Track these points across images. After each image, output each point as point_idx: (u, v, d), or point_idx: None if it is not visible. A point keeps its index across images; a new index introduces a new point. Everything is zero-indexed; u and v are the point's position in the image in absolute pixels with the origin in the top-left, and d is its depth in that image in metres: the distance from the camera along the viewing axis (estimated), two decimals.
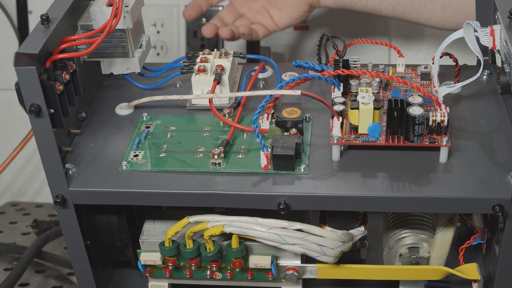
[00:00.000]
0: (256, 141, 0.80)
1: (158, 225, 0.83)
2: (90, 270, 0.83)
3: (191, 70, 0.87)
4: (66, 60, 0.76)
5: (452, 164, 0.76)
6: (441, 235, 0.80)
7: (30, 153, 1.41)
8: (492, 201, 0.72)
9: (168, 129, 0.83)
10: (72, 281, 1.09)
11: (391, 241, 0.82)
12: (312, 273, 0.82)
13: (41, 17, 0.74)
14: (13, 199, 1.44)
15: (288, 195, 0.74)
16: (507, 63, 0.78)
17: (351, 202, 0.74)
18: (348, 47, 0.86)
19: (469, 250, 0.91)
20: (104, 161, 0.79)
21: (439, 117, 0.75)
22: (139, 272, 0.88)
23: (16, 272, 1.03)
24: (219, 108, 0.83)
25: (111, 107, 0.87)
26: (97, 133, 0.83)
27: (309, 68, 0.88)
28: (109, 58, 0.85)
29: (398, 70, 0.87)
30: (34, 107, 0.71)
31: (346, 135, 0.77)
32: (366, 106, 0.75)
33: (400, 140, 0.76)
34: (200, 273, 0.82)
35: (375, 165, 0.76)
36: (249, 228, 0.76)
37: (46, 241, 1.14)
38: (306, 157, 0.77)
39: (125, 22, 0.81)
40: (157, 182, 0.76)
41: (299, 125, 0.78)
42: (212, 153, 0.77)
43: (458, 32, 0.78)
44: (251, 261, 0.80)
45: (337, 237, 0.76)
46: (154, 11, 1.29)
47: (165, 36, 1.30)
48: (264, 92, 0.80)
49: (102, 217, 0.82)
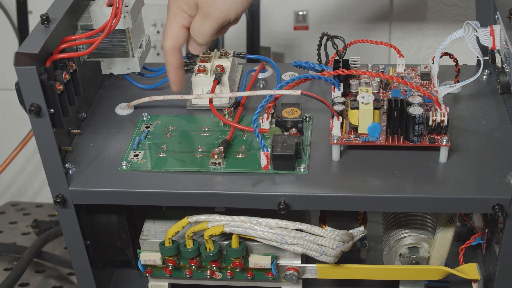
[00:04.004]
0: (256, 141, 0.80)
1: (158, 225, 0.83)
2: (90, 270, 0.83)
3: (191, 70, 0.87)
4: (66, 60, 0.76)
5: (452, 164, 0.76)
6: (441, 235, 0.80)
7: (30, 153, 1.41)
8: (492, 201, 0.72)
9: (168, 129, 0.83)
10: (72, 281, 1.09)
11: (391, 241, 0.82)
12: (312, 273, 0.82)
13: (41, 17, 0.74)
14: (13, 199, 1.44)
15: (288, 195, 0.74)
16: (507, 63, 0.78)
17: (351, 202, 0.74)
18: (348, 47, 0.86)
19: (469, 250, 0.91)
20: (104, 161, 0.79)
21: (439, 117, 0.75)
22: (139, 272, 0.88)
23: (16, 272, 1.03)
24: (219, 108, 0.83)
25: (111, 107, 0.87)
26: (97, 133, 0.83)
27: (309, 68, 0.88)
28: (109, 58, 0.85)
29: (398, 70, 0.87)
30: (34, 107, 0.71)
31: (346, 135, 0.77)
32: (366, 106, 0.75)
33: (400, 140, 0.76)
34: (200, 273, 0.82)
35: (375, 165, 0.76)
36: (249, 228, 0.76)
37: (46, 241, 1.14)
38: (306, 157, 0.77)
39: (125, 22, 0.82)
40: (157, 182, 0.76)
41: (299, 125, 0.78)
42: (212, 153, 0.77)
43: (458, 32, 0.78)
44: (251, 261, 0.80)
45: (337, 237, 0.76)
46: (154, 11, 1.29)
47: None
48: (264, 92, 0.80)
49: (102, 217, 0.82)
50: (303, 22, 1.24)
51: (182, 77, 0.82)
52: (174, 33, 0.79)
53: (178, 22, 0.79)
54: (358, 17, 1.25)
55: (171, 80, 0.82)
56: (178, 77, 0.82)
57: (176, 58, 0.80)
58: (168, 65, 0.81)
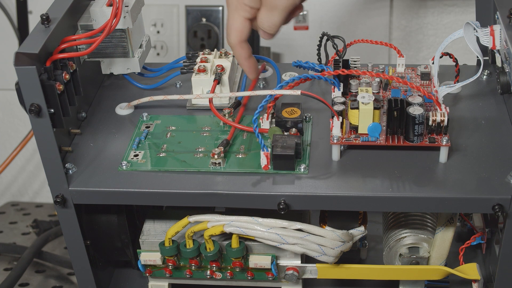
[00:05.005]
0: (256, 141, 0.80)
1: (158, 225, 0.83)
2: (90, 270, 0.83)
3: (191, 70, 0.87)
4: (66, 60, 0.76)
5: (452, 164, 0.76)
6: (441, 235, 0.80)
7: (30, 153, 1.41)
8: (492, 201, 0.72)
9: (168, 129, 0.83)
10: (72, 281, 1.09)
11: (391, 241, 0.82)
12: (312, 273, 0.82)
13: (41, 17, 0.74)
14: (13, 199, 1.44)
15: (288, 195, 0.74)
16: (507, 63, 0.78)
17: (351, 202, 0.74)
18: (348, 47, 0.86)
19: (469, 250, 0.91)
20: (104, 161, 0.79)
21: (439, 117, 0.75)
22: (139, 272, 0.88)
23: (16, 272, 1.03)
24: (219, 108, 0.83)
25: (111, 107, 0.87)
26: (97, 133, 0.83)
27: (309, 68, 0.88)
28: (109, 58, 0.85)
29: (398, 70, 0.87)
30: (34, 107, 0.71)
31: (346, 135, 0.77)
32: (366, 106, 0.75)
33: (400, 140, 0.76)
34: (200, 273, 0.82)
35: (375, 165, 0.76)
36: (249, 228, 0.76)
37: (46, 241, 1.14)
38: (306, 157, 0.77)
39: (125, 22, 0.82)
40: (157, 182, 0.76)
41: (299, 125, 0.78)
42: (212, 153, 0.77)
43: (458, 32, 0.78)
44: (251, 261, 0.80)
45: (337, 237, 0.76)
46: (154, 11, 1.29)
47: (165, 36, 1.30)
48: (264, 92, 0.80)
49: (102, 217, 0.82)
50: (303, 22, 1.24)
51: (255, 64, 0.82)
52: (238, 27, 0.79)
53: (241, 16, 0.78)
54: (358, 17, 1.25)
55: (246, 70, 0.82)
56: (251, 66, 0.82)
57: (245, 49, 0.81)
58: (239, 57, 0.81)
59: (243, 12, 0.78)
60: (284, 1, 0.76)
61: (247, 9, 0.78)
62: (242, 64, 0.82)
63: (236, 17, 0.79)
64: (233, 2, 0.79)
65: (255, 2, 0.77)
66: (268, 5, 0.77)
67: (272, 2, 0.77)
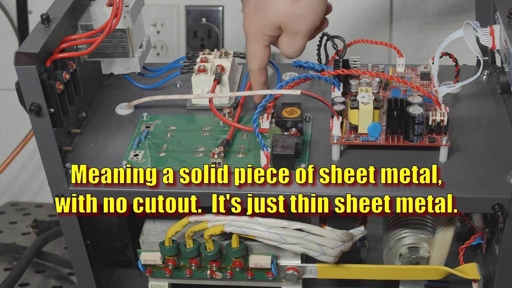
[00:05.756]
0: (256, 140, 0.80)
1: (158, 225, 0.83)
2: (90, 270, 0.83)
3: (191, 70, 0.87)
4: (66, 60, 0.76)
5: (452, 164, 0.76)
6: (441, 235, 0.80)
7: (30, 153, 1.41)
8: (492, 200, 0.72)
9: (168, 128, 0.83)
10: (72, 281, 1.09)
11: (391, 241, 0.82)
12: (312, 272, 0.82)
13: (42, 16, 0.74)
14: (13, 199, 1.44)
15: (288, 195, 0.74)
16: (506, 63, 0.78)
17: (351, 202, 0.74)
18: (348, 47, 0.86)
19: (469, 250, 0.91)
20: (104, 160, 0.79)
21: (439, 117, 0.75)
22: (139, 272, 0.88)
23: (16, 272, 1.03)
24: (219, 108, 0.83)
25: (111, 107, 0.87)
26: (97, 132, 0.83)
27: (309, 68, 0.88)
28: (109, 58, 0.85)
29: (398, 70, 0.87)
30: (34, 107, 0.71)
31: (346, 135, 0.77)
32: (366, 105, 0.75)
33: (400, 140, 0.76)
34: (200, 272, 0.82)
35: (375, 165, 0.76)
36: (249, 227, 0.76)
37: (46, 241, 1.14)
38: (306, 157, 0.77)
39: (125, 22, 0.82)
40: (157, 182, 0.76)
41: (299, 125, 0.78)
42: (212, 153, 0.77)
43: (458, 32, 0.78)
44: (251, 261, 0.80)
45: (337, 236, 0.76)
46: (154, 11, 1.29)
47: (165, 36, 1.30)
48: (264, 92, 0.80)
49: (102, 217, 0.82)
50: None
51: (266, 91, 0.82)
52: (259, 56, 0.80)
53: (261, 45, 0.80)
54: (358, 17, 1.25)
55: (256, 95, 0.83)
56: (263, 92, 0.82)
57: (263, 76, 0.82)
58: (255, 83, 0.83)
59: (262, 41, 0.79)
60: (305, 26, 0.77)
61: (265, 38, 0.79)
62: (255, 88, 0.83)
63: (256, 47, 0.80)
64: (251, 33, 0.79)
65: (275, 31, 0.78)
66: (289, 33, 0.78)
67: (293, 29, 0.77)
